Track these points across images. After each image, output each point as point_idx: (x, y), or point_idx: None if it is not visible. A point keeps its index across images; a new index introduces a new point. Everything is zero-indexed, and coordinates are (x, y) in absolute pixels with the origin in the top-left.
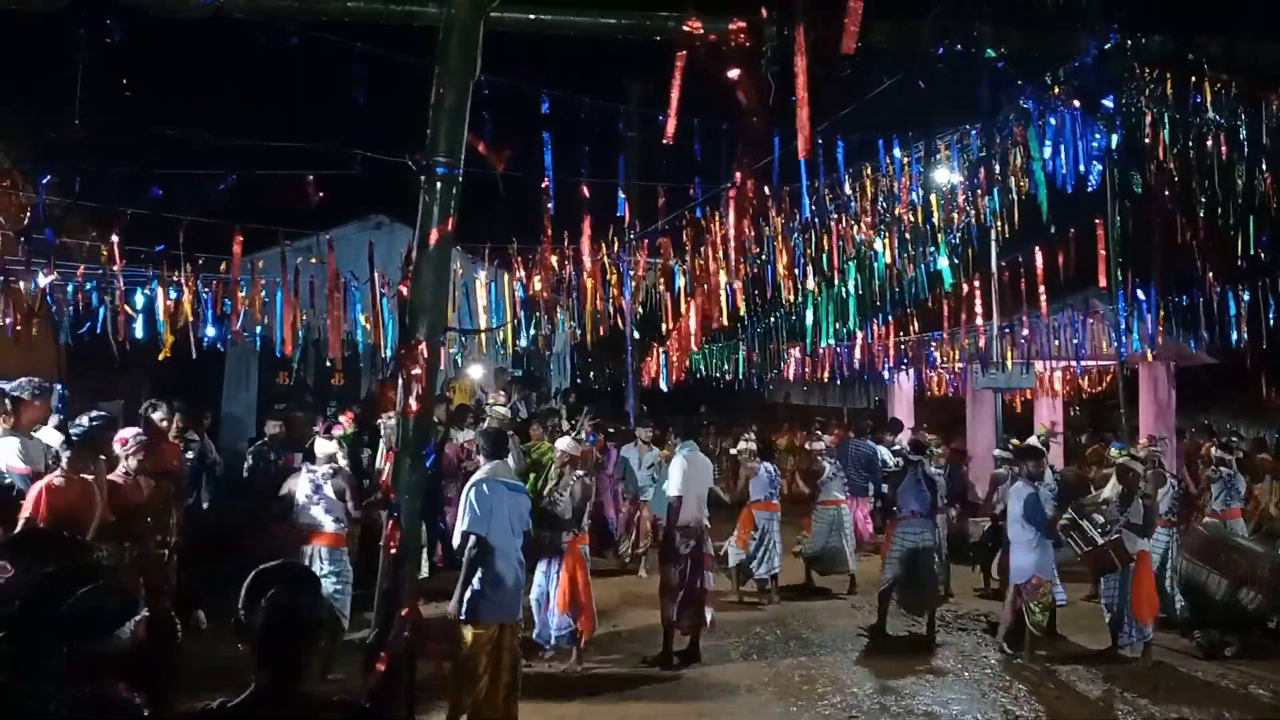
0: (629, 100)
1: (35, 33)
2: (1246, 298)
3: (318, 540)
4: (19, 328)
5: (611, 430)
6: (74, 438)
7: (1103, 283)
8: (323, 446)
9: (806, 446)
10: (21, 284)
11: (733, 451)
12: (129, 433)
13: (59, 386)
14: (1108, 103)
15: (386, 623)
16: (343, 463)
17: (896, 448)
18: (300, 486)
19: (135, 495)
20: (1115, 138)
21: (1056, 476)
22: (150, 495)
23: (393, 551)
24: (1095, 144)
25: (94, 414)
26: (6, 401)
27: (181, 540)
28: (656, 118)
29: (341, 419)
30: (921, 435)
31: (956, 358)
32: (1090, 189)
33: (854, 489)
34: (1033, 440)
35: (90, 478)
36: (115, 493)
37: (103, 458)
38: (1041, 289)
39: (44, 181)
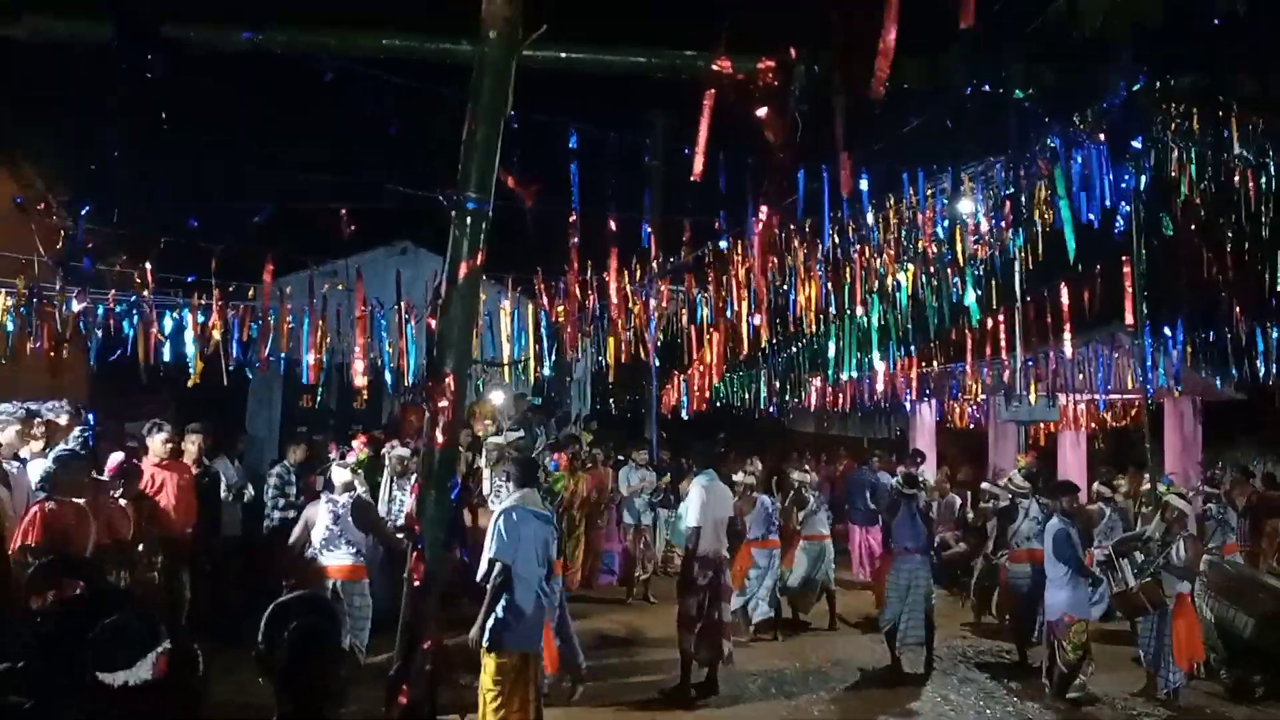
0: (652, 129)
1: (77, 64)
2: (1276, 334)
3: (337, 574)
4: (52, 353)
5: (621, 457)
6: (55, 461)
7: (1129, 320)
8: (339, 475)
9: (793, 476)
10: (56, 309)
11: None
12: (115, 458)
13: (90, 417)
14: (1136, 143)
15: (409, 654)
16: (360, 489)
17: (896, 480)
18: (320, 517)
19: (120, 521)
20: (1144, 178)
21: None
22: (134, 520)
23: (416, 583)
24: (1124, 183)
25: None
26: (38, 423)
27: (209, 567)
28: (681, 149)
29: (355, 444)
30: (913, 468)
31: (980, 390)
32: (1118, 230)
33: (864, 518)
34: (1014, 474)
35: (82, 501)
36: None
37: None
38: (1067, 324)
39: (83, 212)
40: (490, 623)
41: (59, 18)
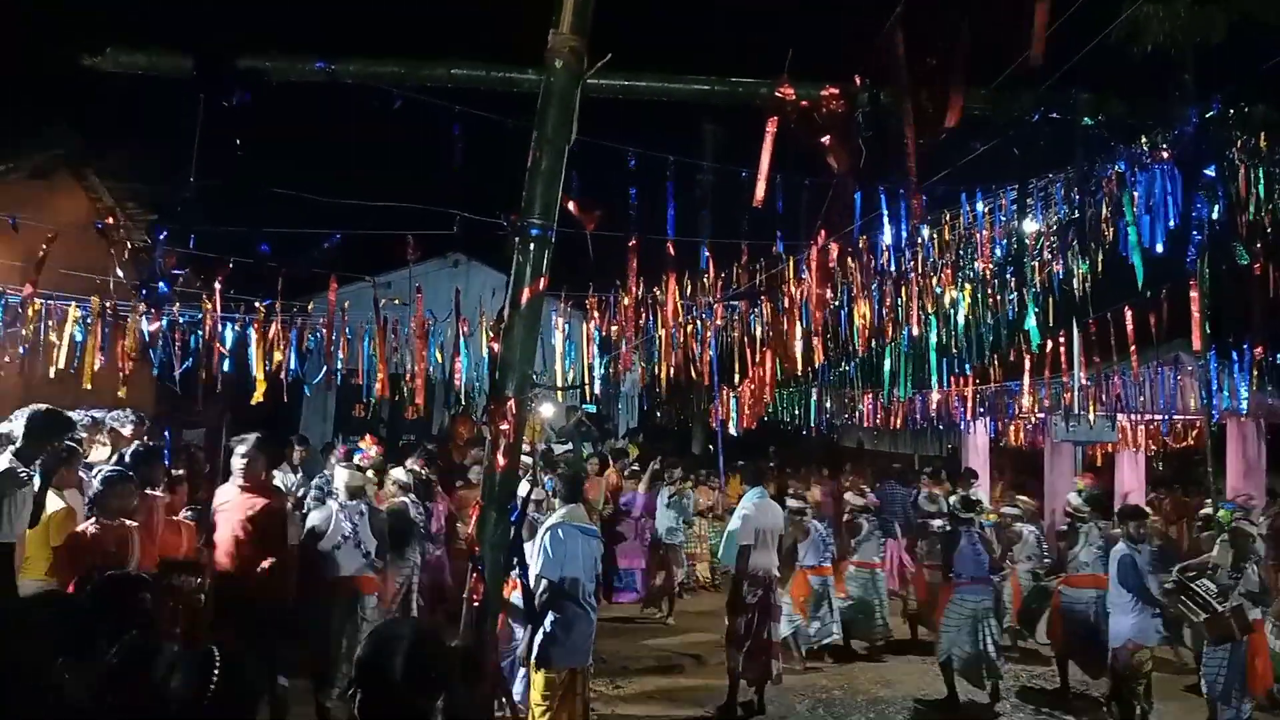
0: (707, 146)
1: (152, 92)
2: None
3: (365, 588)
4: (123, 368)
5: (636, 468)
6: (102, 481)
7: (1196, 345)
8: (350, 477)
9: (846, 499)
10: (129, 326)
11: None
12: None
13: (166, 433)
14: (1209, 171)
15: (469, 677)
16: (371, 494)
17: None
18: (334, 524)
19: (173, 539)
20: (1217, 207)
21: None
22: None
23: (476, 605)
24: (1194, 209)
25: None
26: (105, 432)
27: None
28: (737, 170)
29: (363, 444)
30: (973, 491)
31: (1036, 409)
32: (1189, 258)
33: (885, 530)
34: (1070, 495)
35: (130, 523)
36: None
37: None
38: (1132, 345)
39: (161, 236)
40: (539, 639)
41: (140, 51)
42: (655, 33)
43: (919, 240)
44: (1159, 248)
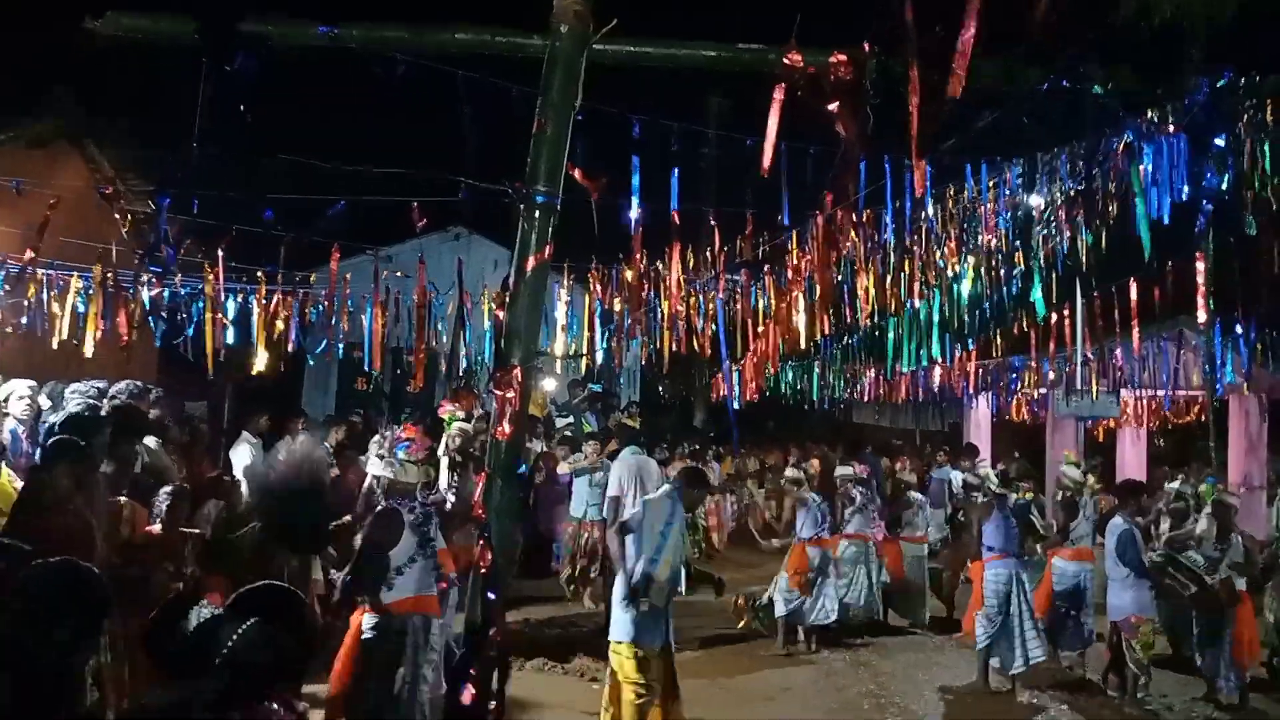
0: (710, 116)
1: (156, 59)
2: None
3: (431, 608)
4: (125, 336)
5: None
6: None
7: (1201, 318)
8: (408, 473)
9: (838, 472)
10: (130, 295)
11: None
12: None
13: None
14: (1219, 141)
15: (475, 644)
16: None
17: (964, 477)
18: (403, 542)
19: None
20: (1226, 176)
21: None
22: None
23: (483, 572)
24: (1202, 180)
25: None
26: (107, 404)
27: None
28: (741, 138)
29: (406, 434)
30: (1020, 465)
31: (1038, 383)
32: (1198, 228)
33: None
34: (1067, 468)
35: (123, 500)
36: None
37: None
38: (1134, 319)
39: (164, 203)
40: (632, 617)
41: (141, 15)
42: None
43: (923, 212)
44: (1165, 219)
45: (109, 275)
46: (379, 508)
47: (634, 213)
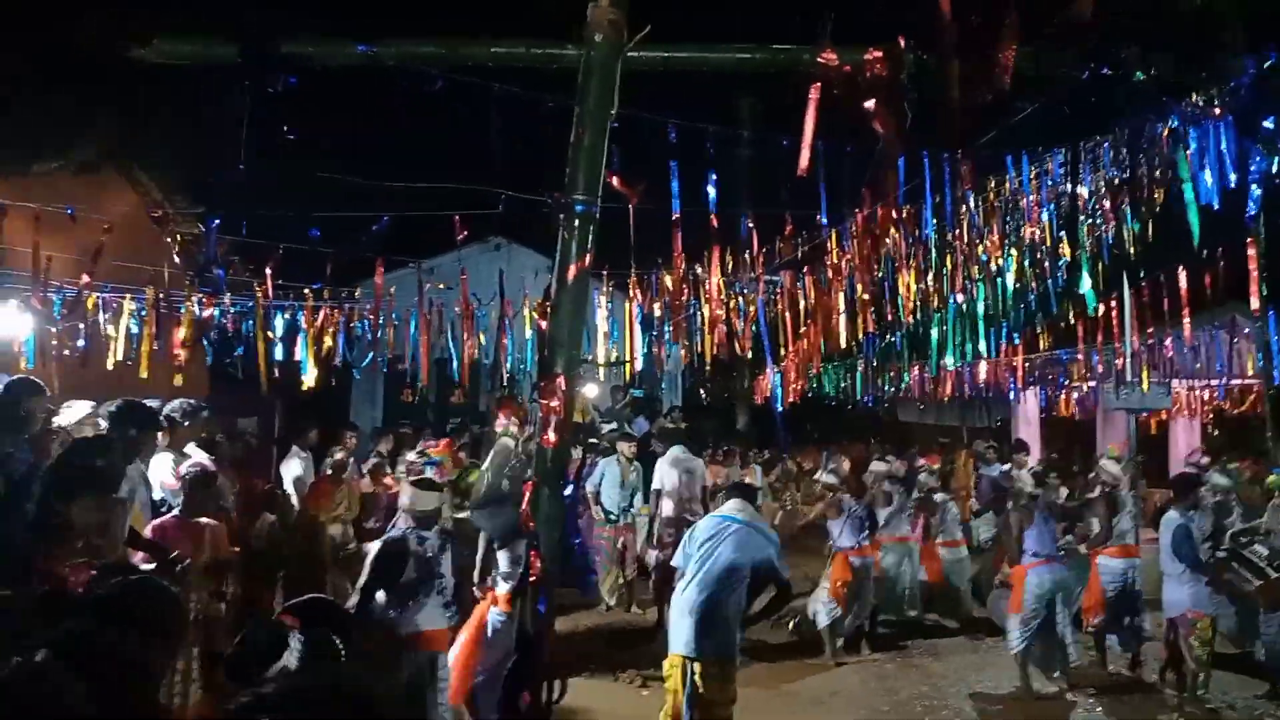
0: (747, 117)
1: (199, 80)
2: None
3: (438, 644)
4: (178, 356)
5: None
6: (188, 478)
7: (1254, 305)
8: (423, 499)
9: (872, 468)
10: (184, 317)
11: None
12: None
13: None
14: (1268, 124)
15: (528, 652)
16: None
17: (1009, 471)
18: (409, 567)
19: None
20: (1276, 160)
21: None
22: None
23: (533, 581)
24: (1251, 164)
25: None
26: (164, 421)
27: None
28: (777, 138)
29: (433, 451)
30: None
31: (1088, 376)
32: (1249, 214)
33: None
34: (1107, 463)
35: (207, 521)
36: None
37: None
38: (1185, 308)
39: (213, 224)
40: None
41: (186, 40)
42: (693, 3)
43: (965, 206)
44: (1215, 205)
45: (161, 296)
46: (385, 538)
47: (674, 216)
